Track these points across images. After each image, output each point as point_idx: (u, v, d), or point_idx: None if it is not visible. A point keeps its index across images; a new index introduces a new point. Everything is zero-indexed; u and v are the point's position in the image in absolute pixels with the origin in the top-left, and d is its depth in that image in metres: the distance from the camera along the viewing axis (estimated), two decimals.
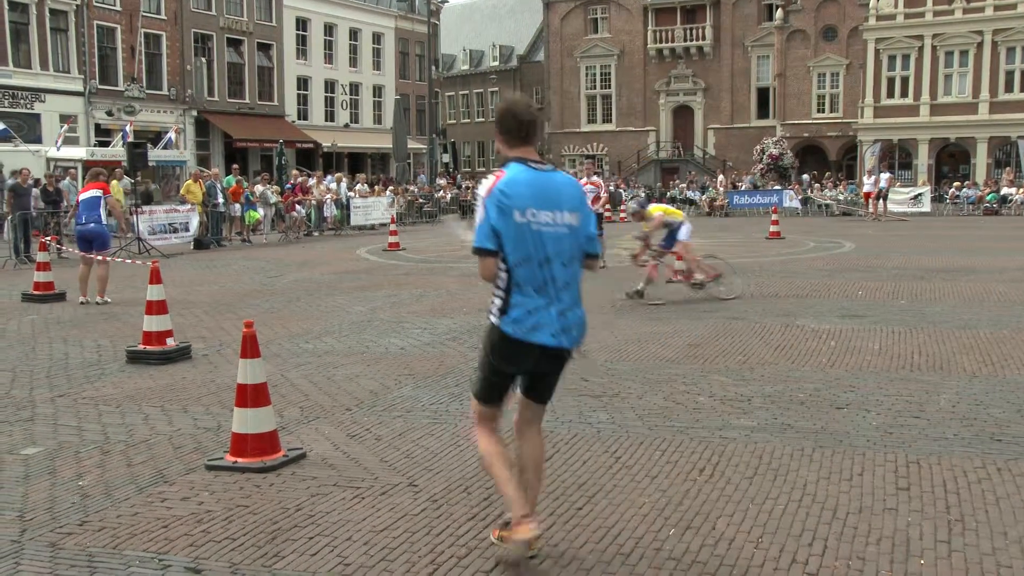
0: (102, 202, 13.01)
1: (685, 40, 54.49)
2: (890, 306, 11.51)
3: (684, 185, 41.85)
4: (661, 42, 55.30)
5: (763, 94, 52.86)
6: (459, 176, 46.93)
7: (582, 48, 57.55)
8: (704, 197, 39.15)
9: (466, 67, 71.65)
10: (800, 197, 37.39)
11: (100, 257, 12.75)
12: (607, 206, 18.69)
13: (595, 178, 17.31)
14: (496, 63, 70.01)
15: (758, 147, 47.58)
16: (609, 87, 57.60)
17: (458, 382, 7.65)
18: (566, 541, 4.37)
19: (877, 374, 7.71)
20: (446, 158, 48.85)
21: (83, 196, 13.21)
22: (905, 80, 44.35)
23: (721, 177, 41.82)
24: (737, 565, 4.08)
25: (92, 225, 12.85)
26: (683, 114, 55.84)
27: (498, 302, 3.99)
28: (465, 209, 37.71)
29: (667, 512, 4.72)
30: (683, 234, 12.41)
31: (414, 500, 4.93)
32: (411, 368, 8.24)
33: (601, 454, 5.69)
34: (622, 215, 35.08)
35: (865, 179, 34.45)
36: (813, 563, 4.08)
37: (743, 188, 39.99)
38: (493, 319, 4.02)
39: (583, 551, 4.26)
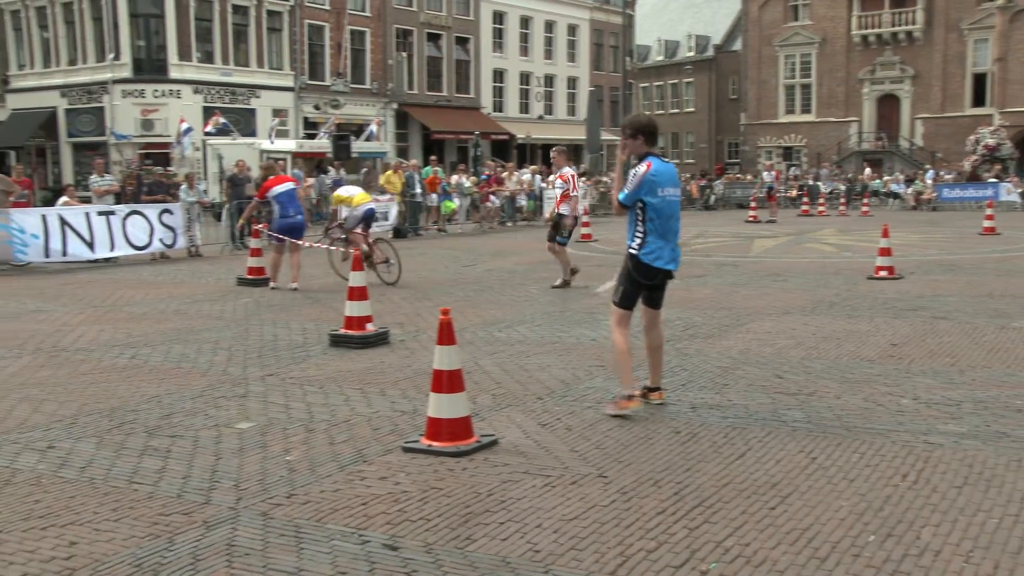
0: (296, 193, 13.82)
1: (893, 25, 51.93)
2: None
3: (889, 178, 39.91)
4: (866, 28, 52.94)
5: (979, 80, 49.67)
6: None
7: (781, 36, 55.81)
8: (910, 190, 37.21)
9: (660, 58, 70.94)
10: (1020, 191, 34.88)
11: (306, 244, 13.50)
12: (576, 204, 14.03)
13: (566, 171, 13.68)
14: (691, 53, 68.97)
15: (972, 137, 44.66)
16: (809, 76, 55.66)
17: (648, 375, 7.57)
18: (758, 541, 4.27)
19: None
20: None
21: (281, 189, 13.63)
22: None
23: (931, 171, 39.60)
24: None
25: (299, 217, 13.63)
26: (888, 103, 53.27)
27: (638, 241, 6.32)
28: None
29: (866, 517, 4.52)
30: (355, 215, 13.74)
31: (604, 491, 4.93)
32: (603, 359, 8.25)
33: (796, 453, 5.51)
34: (820, 209, 33.89)
35: None
36: None
37: (948, 180, 37.76)
38: (633, 251, 6.33)
39: (776, 552, 4.14)
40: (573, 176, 13.78)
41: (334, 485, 5.08)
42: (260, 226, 14.66)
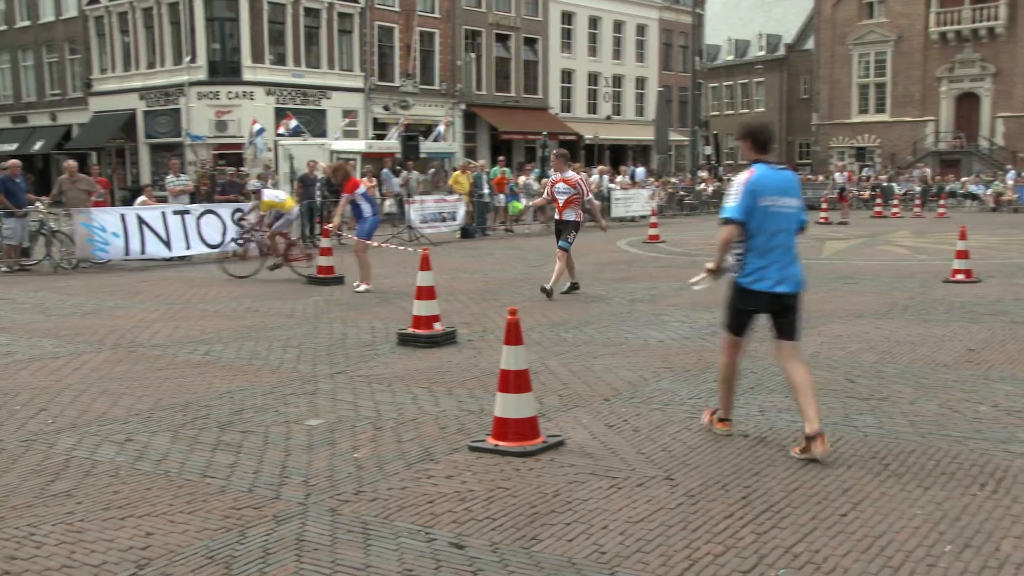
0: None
1: (973, 21, 50.63)
2: None
3: (967, 179, 38.92)
4: (945, 24, 51.69)
5: None
6: (721, 169, 46.02)
7: (855, 34, 54.80)
8: (989, 192, 36.24)
9: (731, 57, 70.19)
10: None
11: (374, 244, 13.65)
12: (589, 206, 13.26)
13: (570, 174, 12.78)
14: (762, 52, 68.09)
15: None
16: (884, 75, 54.58)
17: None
18: (828, 547, 4.19)
19: None
20: (708, 150, 48.04)
21: (360, 191, 13.57)
22: None
23: (1012, 171, 38.50)
24: None
25: (377, 217, 13.81)
26: (967, 102, 51.95)
27: (738, 261, 5.55)
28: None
29: (942, 527, 4.41)
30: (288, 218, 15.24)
31: (671, 494, 4.90)
32: (669, 361, 8.19)
33: (868, 459, 5.41)
34: (894, 211, 33.18)
35: None
36: None
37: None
38: (732, 274, 5.57)
39: (847, 560, 4.06)
40: (582, 180, 13.10)
41: (401, 483, 5.13)
42: (331, 225, 14.81)
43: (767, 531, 4.39)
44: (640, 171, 34.16)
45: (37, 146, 44.41)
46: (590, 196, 12.79)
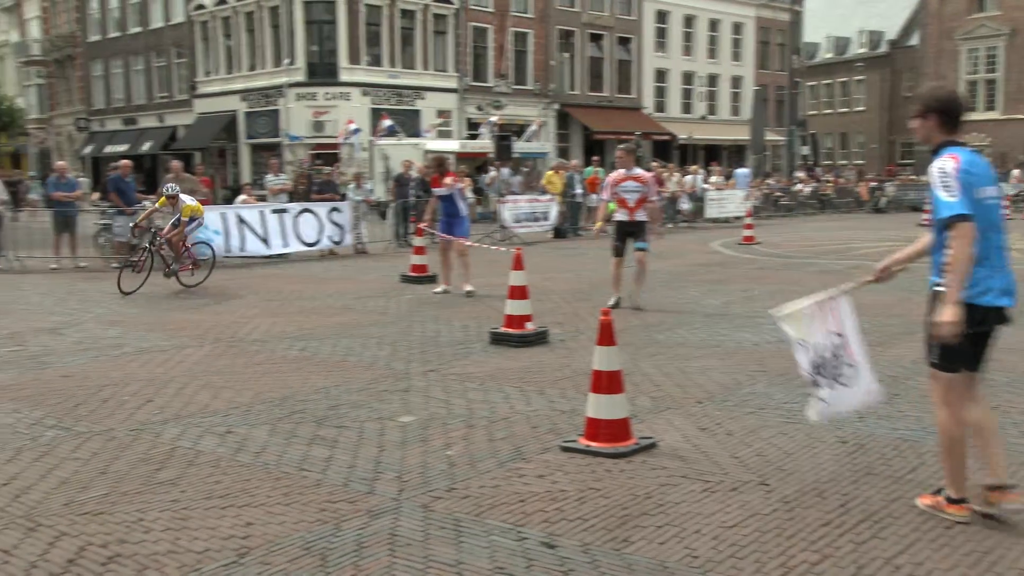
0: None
1: None
2: None
3: None
4: None
5: None
6: (819, 169, 45.04)
7: (964, 29, 53.02)
8: None
9: (830, 55, 68.71)
10: None
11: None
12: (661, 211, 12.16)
13: (638, 171, 11.60)
14: (863, 50, 66.47)
15: None
16: (995, 71, 52.65)
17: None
18: (932, 560, 4.07)
19: None
20: (805, 150, 47.13)
21: (440, 191, 13.30)
22: None
23: None
24: None
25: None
26: None
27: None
28: (824, 203, 36.19)
29: None
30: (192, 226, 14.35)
31: (765, 499, 4.82)
32: (765, 364, 8.06)
33: (976, 471, 5.21)
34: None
35: None
36: None
37: None
38: (940, 288, 4.32)
39: (953, 574, 3.94)
40: (654, 177, 12.21)
41: (493, 481, 5.15)
42: (424, 224, 14.94)
43: (866, 541, 4.28)
44: (742, 172, 33.57)
45: (146, 147, 46.03)
46: (656, 197, 11.72)
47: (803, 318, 4.78)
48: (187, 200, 14.28)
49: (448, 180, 13.24)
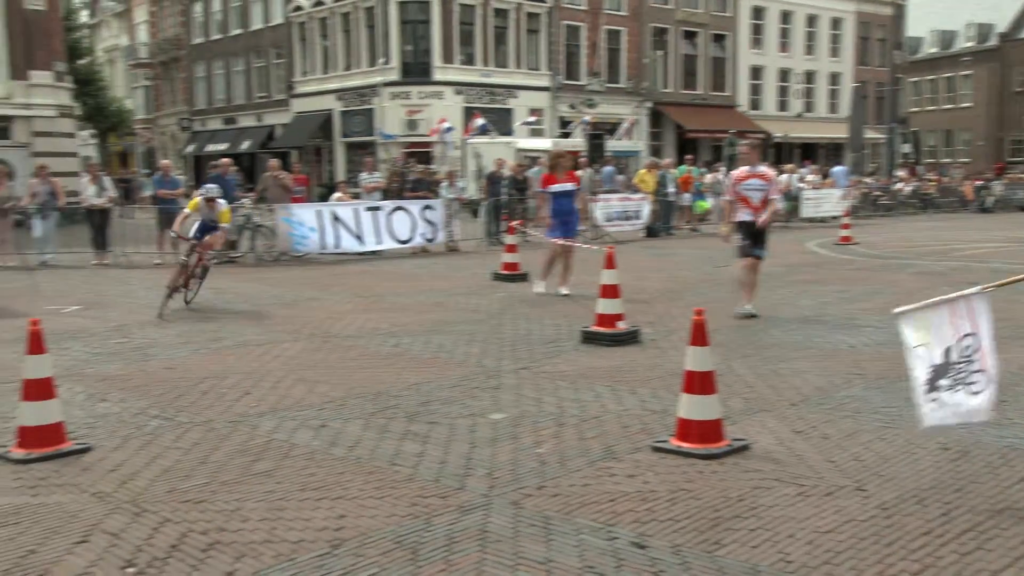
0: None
1: None
2: None
3: None
4: None
5: None
6: (921, 168, 43.73)
7: None
8: None
9: (934, 50, 66.66)
10: None
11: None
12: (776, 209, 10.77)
13: (762, 168, 10.83)
14: (971, 43, 64.27)
15: None
16: None
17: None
18: (981, 561, 3.91)
19: None
20: (906, 148, 45.80)
21: (565, 187, 12.89)
22: None
23: None
24: None
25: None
26: None
27: None
28: (926, 202, 35.12)
29: None
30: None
31: (862, 505, 4.70)
32: (862, 367, 7.86)
33: None
34: None
35: None
36: None
37: None
38: None
39: None
40: (775, 176, 11.41)
41: (583, 480, 5.14)
42: (516, 222, 14.98)
43: (970, 552, 4.13)
44: (840, 169, 32.81)
45: (244, 145, 47.26)
46: (777, 196, 10.90)
47: (929, 318, 4.59)
48: (223, 205, 12.19)
49: (578, 172, 12.45)
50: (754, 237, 10.58)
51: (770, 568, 4.00)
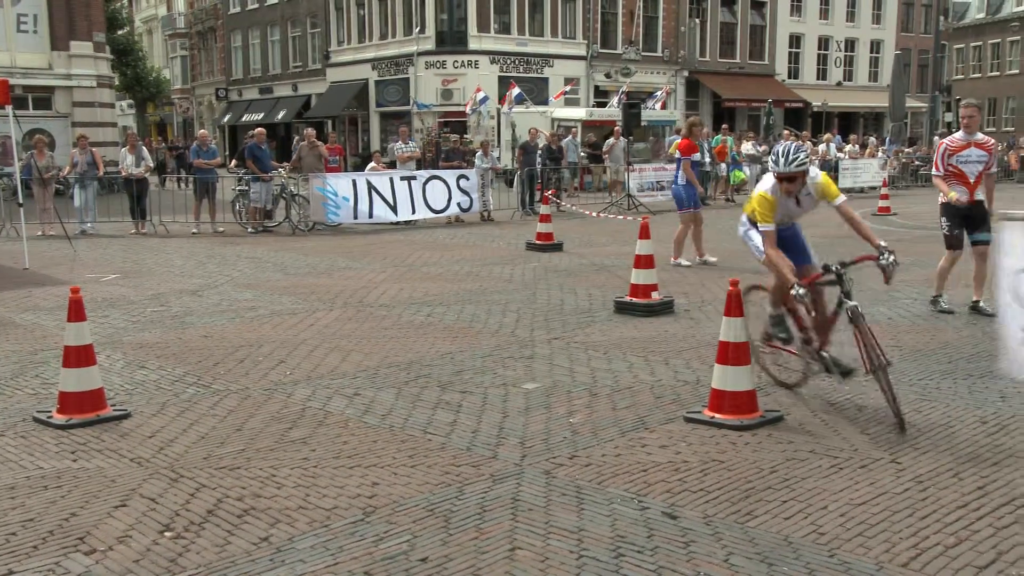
0: (679, 163, 12.92)
1: None
2: None
3: None
4: None
5: None
6: None
7: None
8: None
9: (981, 15, 65.12)
10: None
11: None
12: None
13: (981, 136, 8.97)
14: (1020, 8, 62.70)
15: None
16: None
17: (952, 359, 7.08)
18: (1019, 535, 3.87)
19: None
20: (949, 117, 44.96)
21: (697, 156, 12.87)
22: None
23: None
24: None
25: (674, 186, 13.16)
26: None
27: None
28: None
29: None
30: None
31: (896, 478, 4.66)
32: (899, 339, 7.79)
33: None
34: None
35: None
36: None
37: None
38: None
39: None
40: (995, 146, 9.43)
41: (615, 450, 5.14)
42: (550, 191, 14.92)
43: (1007, 526, 4.09)
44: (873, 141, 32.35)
45: (280, 115, 47.37)
46: (995, 168, 9.23)
47: None
48: None
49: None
50: (971, 219, 8.94)
51: (802, 540, 3.98)
